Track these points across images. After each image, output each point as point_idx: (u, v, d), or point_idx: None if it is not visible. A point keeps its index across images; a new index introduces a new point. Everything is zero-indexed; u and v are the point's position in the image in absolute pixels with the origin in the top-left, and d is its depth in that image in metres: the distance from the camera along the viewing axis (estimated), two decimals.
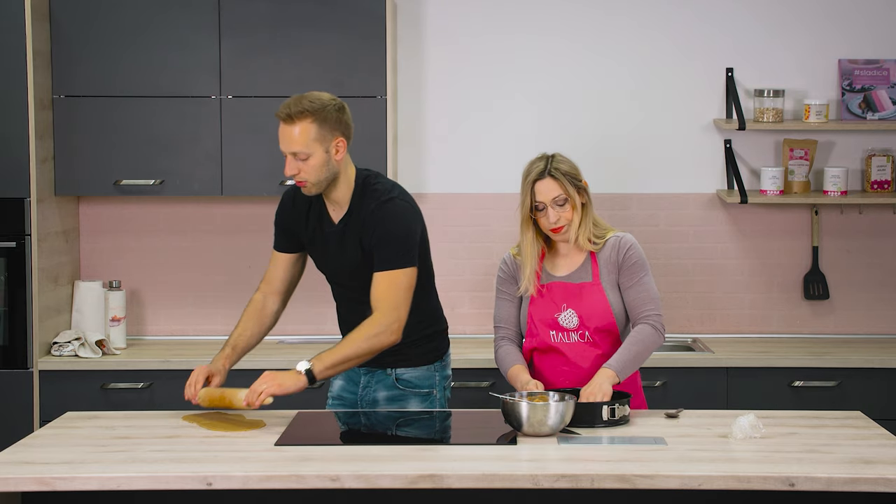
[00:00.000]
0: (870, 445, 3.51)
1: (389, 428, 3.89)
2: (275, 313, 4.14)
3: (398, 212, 3.90)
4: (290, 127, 3.82)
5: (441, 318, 4.17)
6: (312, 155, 3.82)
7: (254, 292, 4.15)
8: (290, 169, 3.85)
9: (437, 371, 4.10)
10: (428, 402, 4.06)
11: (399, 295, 3.85)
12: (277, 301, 4.14)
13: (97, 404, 4.92)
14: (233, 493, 3.33)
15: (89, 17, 5.14)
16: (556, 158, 3.97)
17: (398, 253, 3.86)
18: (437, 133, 5.54)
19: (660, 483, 3.22)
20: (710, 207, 5.53)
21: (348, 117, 3.89)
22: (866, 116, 5.39)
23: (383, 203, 3.90)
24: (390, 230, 3.87)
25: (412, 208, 3.96)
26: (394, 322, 3.83)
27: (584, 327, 3.98)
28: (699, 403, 4.85)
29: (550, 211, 3.94)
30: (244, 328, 4.08)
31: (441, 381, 4.11)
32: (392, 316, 3.83)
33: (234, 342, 4.06)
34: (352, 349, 3.82)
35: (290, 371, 3.79)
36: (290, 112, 3.81)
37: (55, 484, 3.25)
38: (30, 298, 5.01)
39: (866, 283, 5.53)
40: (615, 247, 4.00)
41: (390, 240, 3.86)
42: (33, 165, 4.99)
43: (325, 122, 3.82)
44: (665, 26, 5.50)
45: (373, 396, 4.06)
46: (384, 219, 3.88)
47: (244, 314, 4.11)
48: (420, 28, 5.51)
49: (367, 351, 3.83)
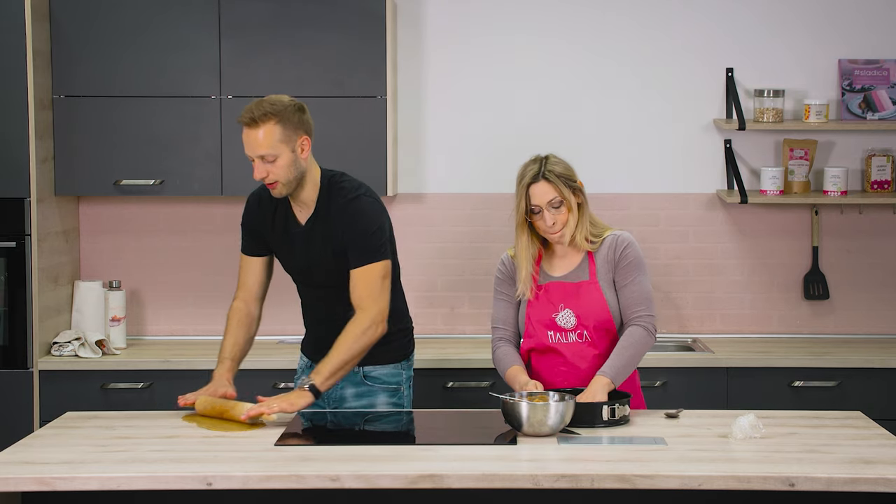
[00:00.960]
0: (870, 445, 3.51)
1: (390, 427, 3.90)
2: (258, 319, 4.18)
3: (367, 208, 3.96)
4: (254, 131, 3.87)
5: (407, 316, 4.22)
6: (280, 156, 3.87)
7: (232, 300, 4.16)
8: (258, 172, 3.89)
9: (404, 370, 4.16)
10: (396, 398, 4.10)
11: (377, 287, 3.92)
12: (258, 307, 4.18)
13: (97, 404, 4.92)
14: (233, 493, 3.33)
15: (89, 17, 5.14)
16: (549, 160, 3.96)
17: (372, 247, 3.93)
18: (437, 133, 5.54)
19: (660, 483, 3.22)
20: (710, 207, 5.53)
21: (308, 116, 3.96)
22: (866, 116, 5.39)
23: (351, 201, 3.96)
24: (362, 226, 3.93)
25: (379, 204, 4.02)
26: (377, 315, 3.89)
27: (581, 327, 3.97)
28: (699, 403, 4.85)
29: (546, 214, 3.93)
30: (236, 338, 4.10)
31: (407, 379, 4.17)
32: (374, 310, 3.89)
33: (232, 354, 4.08)
34: (346, 353, 3.85)
35: (296, 390, 3.84)
36: (254, 116, 3.86)
37: (55, 484, 3.25)
38: (30, 298, 5.01)
39: (866, 283, 5.53)
40: (612, 245, 4.00)
41: (363, 236, 3.93)
42: (33, 165, 4.99)
43: (287, 122, 3.88)
44: (665, 26, 5.50)
45: (339, 394, 4.10)
46: (354, 216, 3.94)
47: (231, 324, 4.12)
48: (420, 28, 5.51)
49: (361, 350, 3.88)
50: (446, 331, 5.57)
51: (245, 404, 3.80)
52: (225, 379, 4.00)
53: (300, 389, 3.81)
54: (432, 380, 4.96)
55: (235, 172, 5.16)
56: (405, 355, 4.17)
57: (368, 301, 3.89)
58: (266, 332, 5.51)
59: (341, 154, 5.12)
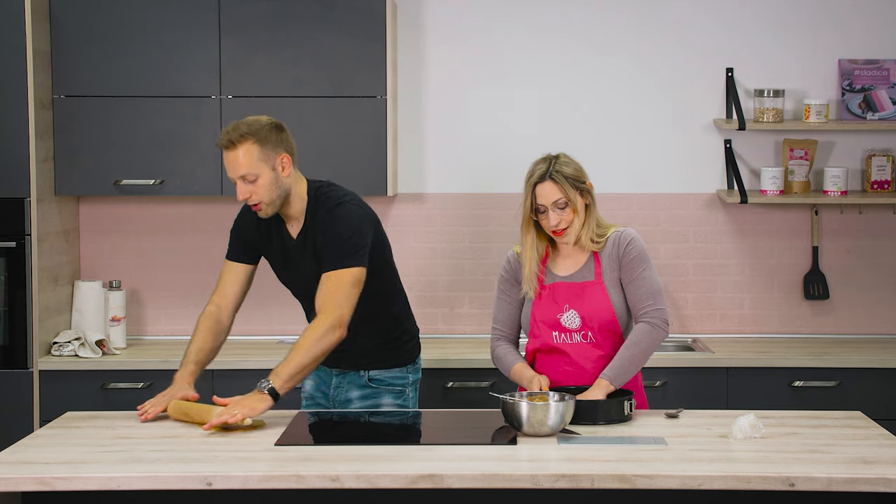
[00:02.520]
0: (870, 445, 3.51)
1: (389, 427, 3.90)
2: (227, 329, 4.14)
3: (346, 214, 3.94)
4: (233, 153, 3.88)
5: (411, 322, 4.21)
6: (260, 175, 3.88)
7: (206, 305, 4.13)
8: (241, 193, 3.90)
9: (411, 373, 4.16)
10: (401, 400, 4.10)
11: (342, 294, 3.86)
12: (230, 316, 4.14)
13: (97, 404, 4.92)
14: (233, 493, 3.33)
15: (89, 17, 5.14)
16: (559, 161, 3.96)
17: (344, 253, 3.89)
18: (437, 133, 5.54)
19: (660, 483, 3.22)
20: (710, 207, 5.53)
21: (288, 135, 3.96)
22: (866, 116, 5.39)
23: (332, 209, 3.95)
24: (337, 231, 3.91)
25: (363, 211, 3.99)
26: (335, 320, 3.82)
27: (586, 328, 3.97)
28: (699, 403, 4.85)
29: (551, 213, 3.93)
30: (202, 344, 4.06)
31: (413, 382, 4.17)
32: (334, 315, 3.83)
33: (197, 358, 4.04)
34: (303, 356, 3.81)
35: (254, 393, 3.78)
36: (231, 138, 3.87)
37: (55, 484, 3.25)
38: (30, 298, 5.01)
39: (866, 283, 5.53)
40: (616, 242, 3.99)
41: (337, 241, 3.90)
42: (33, 165, 4.99)
43: (266, 141, 3.88)
44: (665, 26, 5.50)
45: (345, 396, 4.11)
46: (333, 221, 3.93)
47: (200, 329, 4.08)
48: (420, 28, 5.51)
49: (319, 354, 3.83)
50: (446, 331, 5.57)
51: (215, 408, 3.76)
52: (186, 382, 3.96)
53: (259, 392, 3.76)
54: (432, 380, 4.96)
55: None
56: (411, 359, 4.16)
57: (331, 305, 3.84)
58: (266, 332, 5.54)
59: (341, 154, 5.12)
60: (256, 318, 5.46)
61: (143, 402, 3.94)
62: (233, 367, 4.90)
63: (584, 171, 3.99)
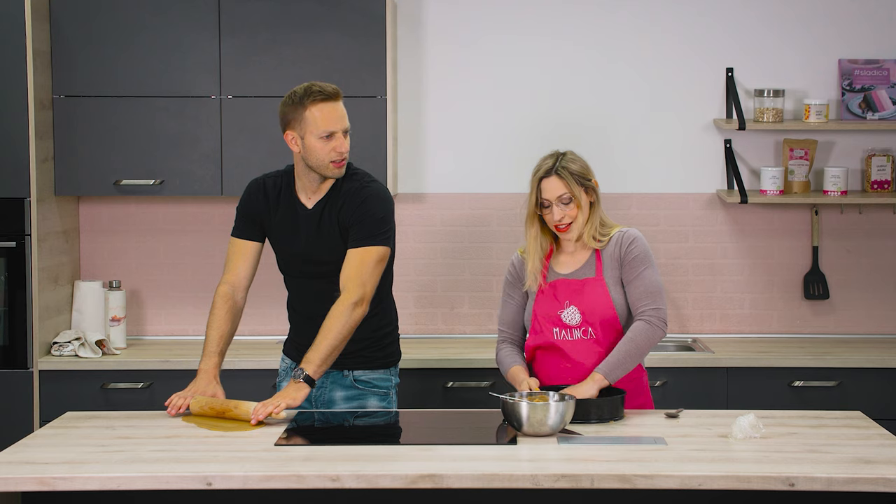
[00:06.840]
0: (870, 445, 3.51)
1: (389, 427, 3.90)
2: (241, 310, 4.14)
3: (380, 195, 3.99)
4: (335, 104, 3.93)
5: (395, 321, 4.21)
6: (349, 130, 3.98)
7: (218, 285, 4.11)
8: (344, 145, 3.94)
9: (393, 375, 4.16)
10: (386, 402, 4.11)
11: (367, 270, 3.90)
12: (243, 296, 4.13)
13: (97, 404, 4.92)
14: (233, 493, 3.33)
15: (89, 17, 5.14)
16: (566, 157, 4.00)
17: (375, 231, 3.93)
18: (437, 133, 5.54)
19: (660, 483, 3.22)
20: (710, 207, 5.54)
21: None
22: (866, 116, 5.39)
23: (366, 184, 3.99)
24: (371, 209, 3.94)
25: (391, 198, 4.04)
26: (357, 298, 3.86)
27: (586, 324, 3.98)
28: (699, 403, 4.85)
29: (555, 208, 3.96)
30: (223, 330, 4.04)
31: (395, 385, 4.18)
32: (358, 292, 3.87)
33: (219, 348, 4.03)
34: (331, 339, 3.84)
35: (290, 384, 3.82)
36: (336, 89, 3.92)
37: (55, 484, 3.25)
38: (30, 298, 5.01)
39: (866, 283, 5.53)
40: (618, 242, 4.01)
41: (371, 218, 3.94)
42: (33, 165, 5.00)
43: None
44: (665, 26, 5.50)
45: (329, 396, 4.10)
46: (367, 198, 3.96)
47: (219, 312, 4.05)
48: (420, 28, 5.51)
49: (347, 333, 3.86)
50: (446, 331, 5.57)
51: (248, 403, 3.80)
52: (212, 376, 3.97)
53: (296, 382, 3.80)
54: (432, 380, 4.96)
55: (235, 172, 5.16)
56: (394, 361, 4.17)
57: (356, 282, 3.87)
58: (266, 332, 5.54)
59: None
60: (256, 318, 5.46)
61: (170, 397, 3.93)
62: (233, 366, 4.89)
63: (591, 169, 4.02)
